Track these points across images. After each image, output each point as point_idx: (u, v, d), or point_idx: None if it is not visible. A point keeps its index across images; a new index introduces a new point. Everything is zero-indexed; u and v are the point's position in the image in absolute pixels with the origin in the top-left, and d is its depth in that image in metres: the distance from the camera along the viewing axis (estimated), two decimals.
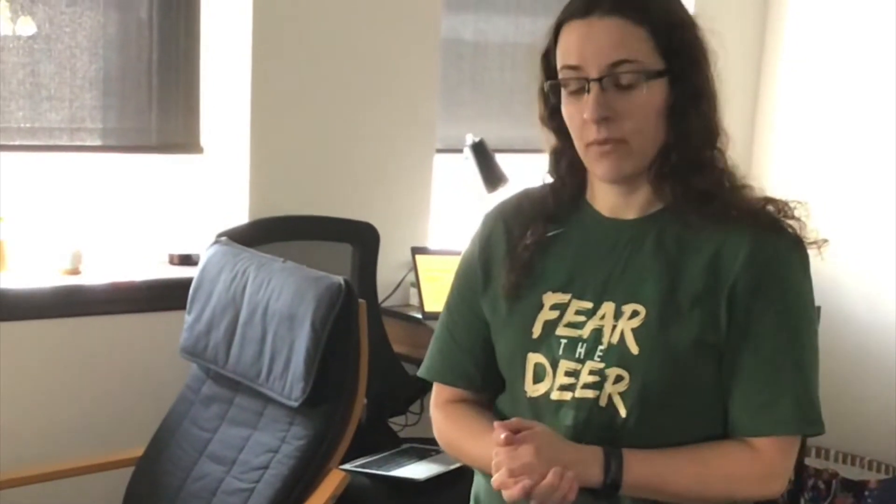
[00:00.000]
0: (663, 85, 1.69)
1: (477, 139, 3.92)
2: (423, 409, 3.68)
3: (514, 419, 1.70)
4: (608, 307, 1.73)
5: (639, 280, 1.73)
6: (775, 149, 4.73)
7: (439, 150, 3.96)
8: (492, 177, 3.92)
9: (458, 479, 3.16)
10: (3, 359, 3.20)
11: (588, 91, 1.68)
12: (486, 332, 1.87)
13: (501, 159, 3.97)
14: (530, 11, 4.26)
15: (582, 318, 1.74)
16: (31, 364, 3.26)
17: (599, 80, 1.67)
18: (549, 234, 1.81)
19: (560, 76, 1.74)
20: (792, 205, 1.74)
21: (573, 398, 1.72)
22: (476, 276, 1.90)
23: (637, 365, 1.69)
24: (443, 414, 1.93)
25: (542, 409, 1.75)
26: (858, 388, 4.43)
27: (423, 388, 3.64)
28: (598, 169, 1.73)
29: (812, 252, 1.74)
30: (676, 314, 1.69)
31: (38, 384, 3.28)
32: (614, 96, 1.67)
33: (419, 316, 3.65)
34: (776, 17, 4.71)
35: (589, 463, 1.66)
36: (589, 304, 1.75)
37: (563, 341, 1.74)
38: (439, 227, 4.01)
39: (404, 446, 3.40)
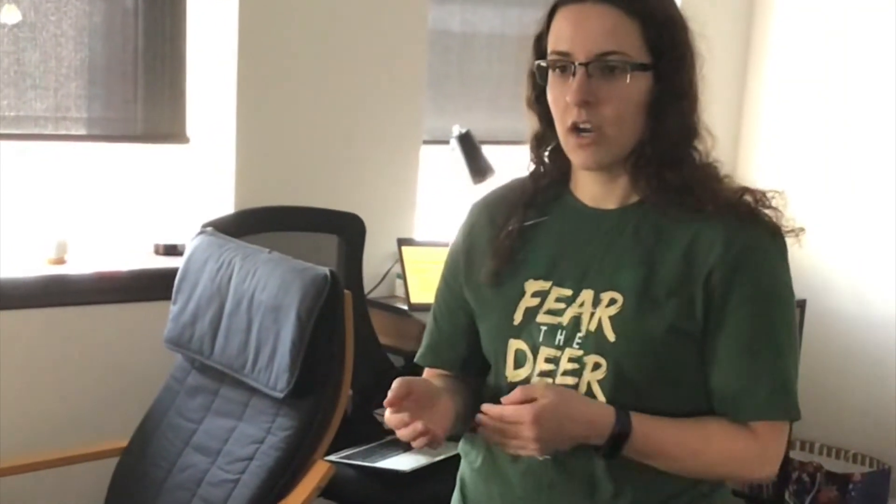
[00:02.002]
0: (647, 79, 1.73)
1: (463, 130, 3.92)
2: None
3: (517, 389, 1.69)
4: (587, 294, 1.76)
5: (617, 268, 1.76)
6: (761, 143, 4.74)
7: (426, 142, 3.96)
8: (478, 168, 3.92)
9: (444, 470, 3.15)
10: None
11: (574, 74, 1.72)
12: (470, 318, 1.91)
13: (488, 151, 3.97)
14: (517, 3, 4.25)
15: (562, 306, 1.77)
16: (15, 354, 3.25)
17: (586, 64, 1.70)
18: (528, 222, 1.85)
19: (549, 59, 1.77)
20: (769, 194, 1.77)
21: (568, 385, 1.74)
22: (459, 264, 1.94)
23: (613, 352, 1.72)
24: None
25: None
26: (843, 382, 4.44)
27: None
28: (575, 157, 1.78)
29: (790, 241, 1.77)
30: (652, 303, 1.72)
31: (22, 374, 3.27)
32: (598, 83, 1.70)
33: (405, 307, 3.65)
34: (762, 15, 4.72)
35: (597, 425, 1.69)
36: (569, 292, 1.78)
37: (544, 328, 1.77)
38: (425, 218, 4.00)
39: (389, 438, 3.40)
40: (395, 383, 1.69)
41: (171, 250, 3.56)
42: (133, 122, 3.54)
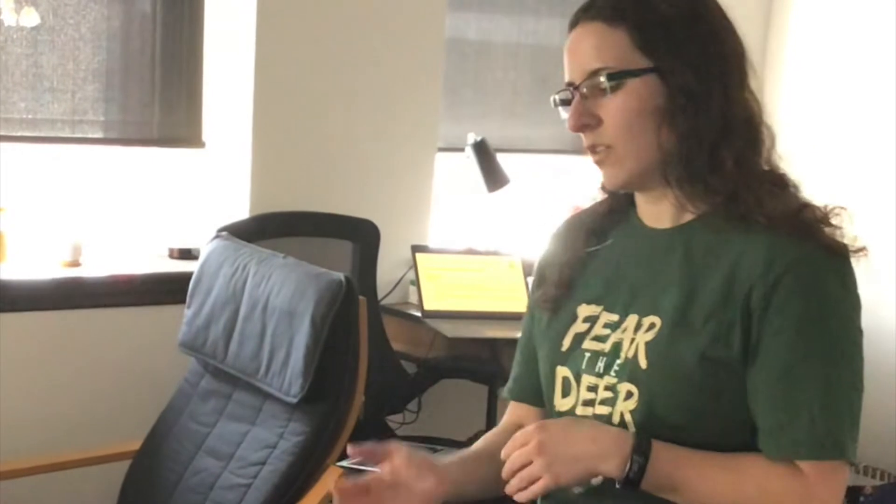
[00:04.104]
0: (651, 84, 1.62)
1: (479, 138, 3.92)
2: (421, 407, 3.68)
3: (517, 433, 1.63)
4: (632, 320, 1.67)
5: (662, 291, 1.66)
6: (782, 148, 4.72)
7: (441, 149, 3.96)
8: (493, 176, 3.91)
9: None
10: (1, 350, 3.19)
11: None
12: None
13: (503, 159, 3.97)
14: (533, 11, 4.25)
15: (607, 332, 1.69)
16: (30, 356, 3.26)
17: (577, 87, 1.64)
18: (589, 249, 1.79)
19: (558, 92, 1.71)
20: (834, 210, 1.63)
21: (593, 415, 1.67)
22: (533, 288, 1.89)
23: (645, 380, 1.62)
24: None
25: None
26: None
27: (421, 386, 3.67)
28: (602, 178, 1.71)
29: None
30: (688, 328, 1.60)
31: (37, 376, 3.28)
32: (595, 103, 1.63)
33: (418, 314, 3.65)
34: (779, 16, 4.71)
35: (606, 456, 1.57)
36: (616, 317, 1.70)
37: (587, 355, 1.70)
38: (440, 225, 4.01)
39: (402, 444, 3.40)
40: (348, 484, 1.69)
41: (186, 254, 3.57)
42: (149, 125, 3.55)
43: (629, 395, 1.62)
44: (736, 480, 1.58)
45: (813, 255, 1.57)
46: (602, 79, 1.61)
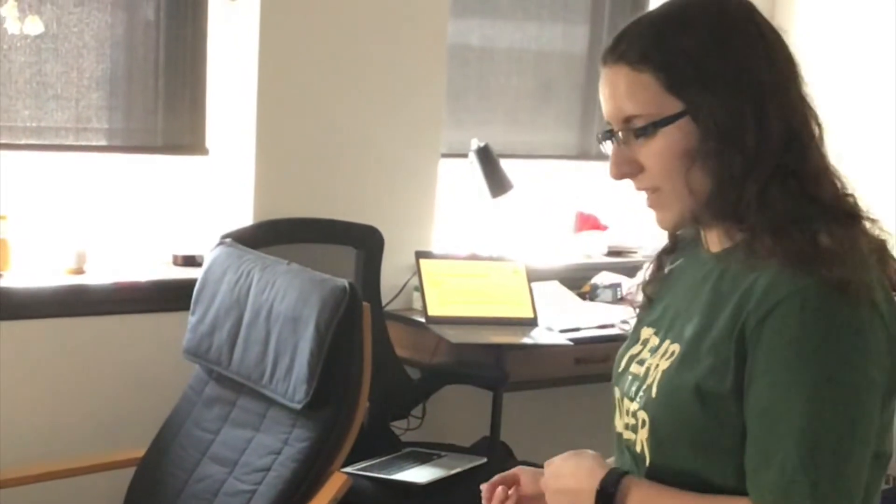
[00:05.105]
0: (683, 126, 1.55)
1: (482, 144, 3.92)
2: (425, 413, 3.68)
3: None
4: (665, 346, 1.64)
5: (688, 319, 1.61)
6: None
7: (444, 155, 3.96)
8: (496, 182, 3.92)
9: (460, 484, 3.16)
10: (6, 358, 3.20)
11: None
12: None
13: (506, 165, 3.97)
14: (536, 17, 4.26)
15: (648, 356, 1.67)
16: (34, 363, 3.26)
17: (615, 135, 1.59)
18: (666, 268, 1.76)
19: (602, 131, 1.66)
20: (866, 239, 1.55)
21: (627, 440, 1.67)
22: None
23: (653, 409, 1.59)
24: None
25: (618, 445, 1.72)
26: None
27: (426, 391, 3.67)
28: (655, 219, 1.66)
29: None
30: (694, 358, 1.56)
31: (41, 383, 3.28)
32: (633, 149, 1.58)
33: (422, 320, 3.65)
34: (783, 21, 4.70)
35: (580, 492, 1.59)
36: (658, 342, 1.67)
37: (629, 378, 1.68)
38: (443, 231, 4.01)
39: (406, 450, 3.40)
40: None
41: (190, 261, 3.57)
42: (153, 133, 3.56)
43: (644, 423, 1.61)
44: None
45: (808, 290, 1.47)
46: (636, 129, 1.56)
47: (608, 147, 1.63)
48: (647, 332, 1.71)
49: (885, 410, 1.53)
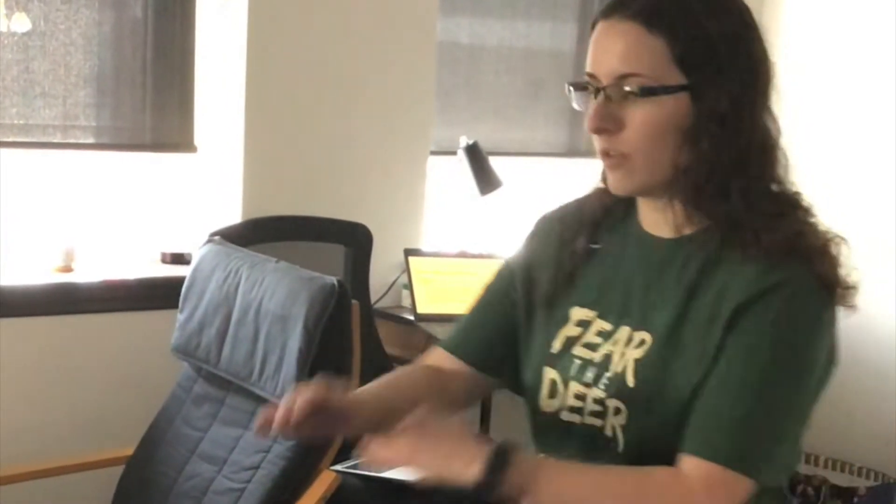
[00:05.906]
0: (682, 101, 1.55)
1: (471, 142, 3.92)
2: None
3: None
4: (623, 332, 1.64)
5: (655, 306, 1.61)
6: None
7: (433, 153, 3.96)
8: (485, 179, 3.92)
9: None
10: None
11: (596, 98, 1.58)
12: (508, 324, 1.81)
13: (495, 162, 3.98)
14: (525, 15, 4.26)
15: (599, 340, 1.66)
16: (22, 361, 3.26)
17: (603, 88, 1.57)
18: (595, 245, 1.73)
19: (575, 80, 1.65)
20: (834, 240, 1.60)
21: (582, 424, 1.65)
22: (516, 277, 1.83)
23: (632, 399, 1.58)
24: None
25: (551, 425, 1.70)
26: (848, 395, 4.42)
27: None
28: (609, 181, 1.64)
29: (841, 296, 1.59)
30: (679, 350, 1.57)
31: (29, 382, 3.27)
32: (619, 107, 1.56)
33: (411, 318, 3.66)
34: (771, 19, 4.72)
35: (468, 460, 1.53)
36: (609, 326, 1.66)
37: (577, 362, 1.67)
38: (432, 229, 4.01)
39: None
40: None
41: (179, 259, 3.57)
42: (141, 131, 3.55)
43: (617, 410, 1.60)
44: (617, 489, 1.52)
45: (798, 279, 1.53)
46: (631, 88, 1.54)
47: (579, 98, 1.64)
48: (581, 312, 1.70)
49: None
